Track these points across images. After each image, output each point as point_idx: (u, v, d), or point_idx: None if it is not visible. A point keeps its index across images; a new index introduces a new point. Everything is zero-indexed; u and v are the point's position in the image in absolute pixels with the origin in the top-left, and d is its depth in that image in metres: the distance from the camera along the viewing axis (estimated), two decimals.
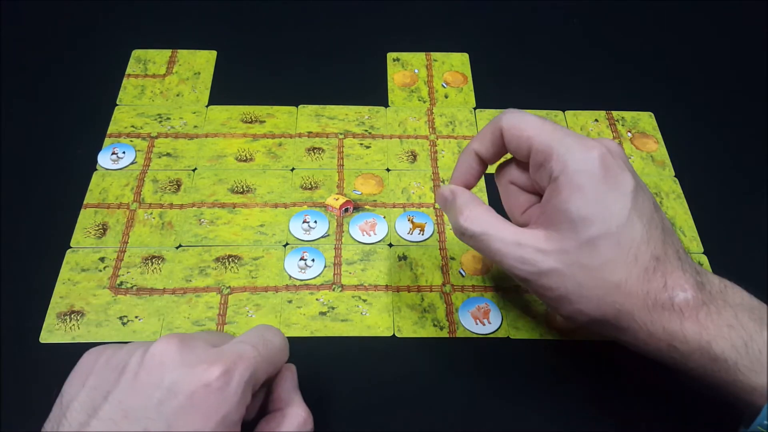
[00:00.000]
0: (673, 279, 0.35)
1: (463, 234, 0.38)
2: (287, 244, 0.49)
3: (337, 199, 0.51)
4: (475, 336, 0.45)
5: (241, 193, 0.52)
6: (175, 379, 0.31)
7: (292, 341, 0.44)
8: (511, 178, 0.41)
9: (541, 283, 0.36)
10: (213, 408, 0.31)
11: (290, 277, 0.47)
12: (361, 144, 0.56)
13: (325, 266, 0.48)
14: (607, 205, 0.35)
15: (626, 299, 0.35)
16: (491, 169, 0.54)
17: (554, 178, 0.36)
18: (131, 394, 0.31)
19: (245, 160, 0.54)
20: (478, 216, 0.38)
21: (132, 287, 0.46)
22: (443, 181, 0.53)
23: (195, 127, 0.56)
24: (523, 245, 0.36)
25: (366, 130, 0.57)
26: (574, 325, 0.37)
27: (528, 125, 0.37)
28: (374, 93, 0.60)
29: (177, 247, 0.49)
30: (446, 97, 0.60)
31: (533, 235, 0.36)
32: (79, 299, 0.46)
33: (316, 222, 0.50)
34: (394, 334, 0.45)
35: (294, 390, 0.36)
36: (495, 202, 0.52)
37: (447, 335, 0.45)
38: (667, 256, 0.35)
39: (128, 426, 0.30)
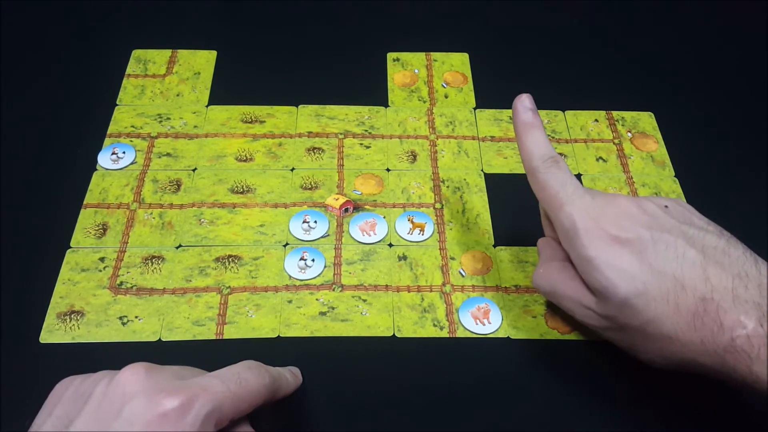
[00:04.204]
0: (729, 317, 0.32)
1: (537, 288, 0.42)
2: (287, 244, 0.49)
3: (337, 199, 0.51)
4: (475, 336, 0.45)
5: (241, 193, 0.52)
6: (134, 409, 0.30)
7: (292, 341, 0.45)
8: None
9: (608, 336, 0.40)
10: None
11: (290, 277, 0.47)
12: (361, 144, 0.56)
13: (325, 266, 0.48)
14: (622, 267, 0.35)
15: (685, 348, 0.34)
16: (492, 169, 0.54)
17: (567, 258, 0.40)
18: (92, 423, 0.31)
19: (245, 160, 0.54)
20: (551, 275, 0.41)
21: (132, 287, 0.46)
22: (443, 181, 0.53)
23: (195, 127, 0.56)
24: (585, 306, 0.38)
25: (366, 130, 0.57)
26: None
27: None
28: (374, 93, 0.60)
29: (177, 247, 0.49)
30: (446, 97, 0.60)
31: (592, 299, 0.38)
32: (79, 299, 0.46)
33: (316, 222, 0.50)
34: (394, 334, 0.45)
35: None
36: (496, 202, 0.52)
37: (447, 335, 0.45)
38: (717, 291, 0.33)
39: None
